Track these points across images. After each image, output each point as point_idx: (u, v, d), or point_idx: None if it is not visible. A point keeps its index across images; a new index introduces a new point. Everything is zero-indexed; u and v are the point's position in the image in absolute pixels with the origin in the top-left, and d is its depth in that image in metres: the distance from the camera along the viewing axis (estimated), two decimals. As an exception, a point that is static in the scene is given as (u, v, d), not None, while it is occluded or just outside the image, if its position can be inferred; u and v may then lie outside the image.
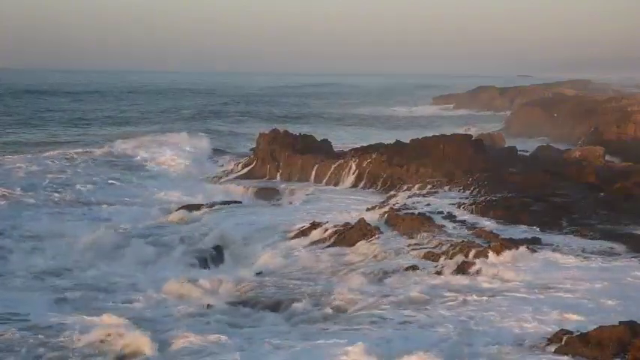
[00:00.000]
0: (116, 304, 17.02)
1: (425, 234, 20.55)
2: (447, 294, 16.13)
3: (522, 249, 18.51)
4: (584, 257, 18.00)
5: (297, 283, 17.84)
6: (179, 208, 27.88)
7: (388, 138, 41.70)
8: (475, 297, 15.84)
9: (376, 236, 20.82)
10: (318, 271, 18.96)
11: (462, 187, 27.70)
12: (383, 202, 27.11)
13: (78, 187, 32.23)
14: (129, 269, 20.61)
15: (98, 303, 17.11)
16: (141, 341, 13.45)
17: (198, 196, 31.07)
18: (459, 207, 24.48)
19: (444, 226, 21.44)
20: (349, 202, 28.68)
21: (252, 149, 41.51)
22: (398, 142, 36.79)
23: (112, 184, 34.20)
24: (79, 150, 44.69)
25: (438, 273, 17.64)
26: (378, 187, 32.38)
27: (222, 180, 36.45)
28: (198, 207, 27.93)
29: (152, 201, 30.65)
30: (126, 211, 28.22)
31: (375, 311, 15.13)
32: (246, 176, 36.84)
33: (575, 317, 14.06)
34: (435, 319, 14.39)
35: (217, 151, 46.41)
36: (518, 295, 15.79)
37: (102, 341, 13.72)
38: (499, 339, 13.19)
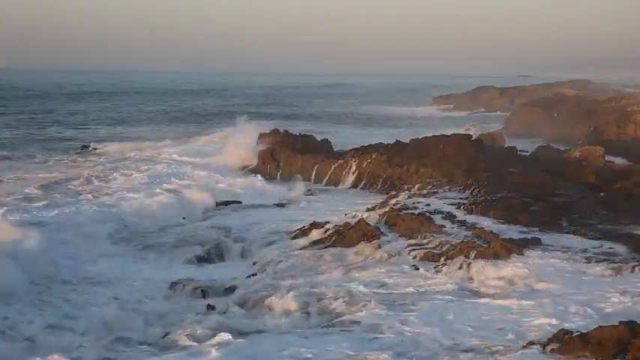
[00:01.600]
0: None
1: (425, 234, 20.56)
2: (447, 294, 16.15)
3: (522, 249, 18.53)
4: (584, 257, 17.99)
5: (297, 283, 17.81)
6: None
7: (389, 137, 41.77)
8: (474, 297, 15.88)
9: (376, 236, 20.82)
10: (318, 272, 18.94)
11: (462, 187, 27.71)
12: (383, 202, 27.09)
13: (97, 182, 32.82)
14: (127, 266, 20.53)
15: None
16: None
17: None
18: (458, 207, 24.48)
19: (444, 226, 21.43)
20: (349, 202, 28.70)
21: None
22: (398, 142, 36.87)
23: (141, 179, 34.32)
24: (104, 147, 45.83)
25: (438, 273, 17.64)
26: (378, 187, 32.42)
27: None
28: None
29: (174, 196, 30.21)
30: (145, 208, 27.71)
31: (373, 312, 15.09)
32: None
33: (575, 317, 14.08)
34: (432, 318, 14.41)
35: None
36: (518, 294, 15.81)
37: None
38: (498, 339, 13.21)
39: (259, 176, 35.11)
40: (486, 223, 21.98)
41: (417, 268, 18.08)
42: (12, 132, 57.70)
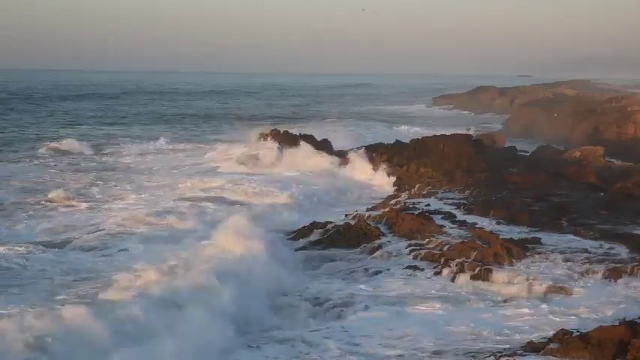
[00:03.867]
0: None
1: (425, 234, 20.55)
2: (447, 295, 16.15)
3: (522, 249, 18.51)
4: (584, 258, 17.97)
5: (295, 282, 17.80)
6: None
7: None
8: (474, 298, 15.88)
9: (376, 236, 20.79)
10: (319, 272, 18.92)
11: (462, 187, 27.74)
12: (383, 202, 27.09)
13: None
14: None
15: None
16: None
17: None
18: (458, 207, 24.51)
19: (444, 226, 21.43)
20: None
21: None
22: (398, 142, 36.88)
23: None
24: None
25: (437, 274, 17.64)
26: (378, 187, 32.32)
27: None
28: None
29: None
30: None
31: (373, 314, 15.06)
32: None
33: (575, 317, 14.09)
34: (432, 319, 14.40)
35: None
36: (517, 295, 15.83)
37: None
38: (498, 340, 13.21)
39: None
40: (486, 223, 21.99)
41: (417, 268, 18.08)
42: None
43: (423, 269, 18.00)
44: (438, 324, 14.08)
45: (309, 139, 39.14)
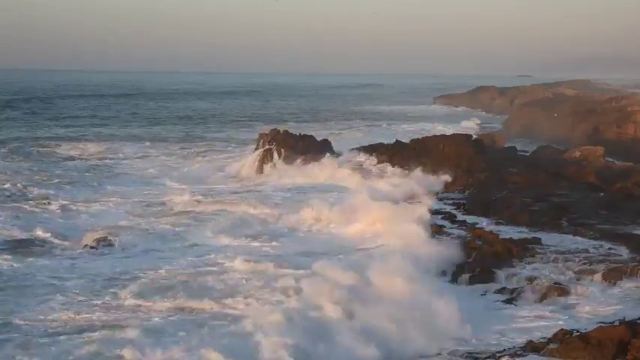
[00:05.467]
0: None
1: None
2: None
3: (522, 249, 18.50)
4: (585, 258, 17.97)
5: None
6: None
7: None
8: (474, 299, 15.88)
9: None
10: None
11: (462, 187, 27.73)
12: (383, 202, 27.05)
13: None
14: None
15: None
16: None
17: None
18: (458, 207, 24.50)
19: (444, 226, 21.44)
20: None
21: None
22: (398, 142, 36.81)
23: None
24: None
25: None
26: (379, 187, 32.25)
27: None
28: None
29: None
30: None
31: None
32: (246, 176, 36.76)
33: (575, 317, 14.09)
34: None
35: None
36: (517, 295, 15.82)
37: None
38: (499, 340, 13.21)
39: None
40: (486, 223, 22.00)
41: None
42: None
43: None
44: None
45: (309, 139, 39.12)
